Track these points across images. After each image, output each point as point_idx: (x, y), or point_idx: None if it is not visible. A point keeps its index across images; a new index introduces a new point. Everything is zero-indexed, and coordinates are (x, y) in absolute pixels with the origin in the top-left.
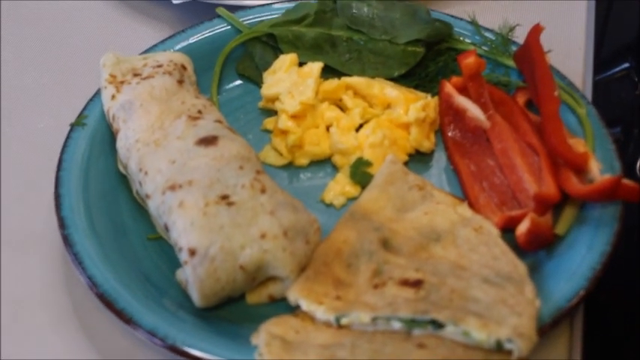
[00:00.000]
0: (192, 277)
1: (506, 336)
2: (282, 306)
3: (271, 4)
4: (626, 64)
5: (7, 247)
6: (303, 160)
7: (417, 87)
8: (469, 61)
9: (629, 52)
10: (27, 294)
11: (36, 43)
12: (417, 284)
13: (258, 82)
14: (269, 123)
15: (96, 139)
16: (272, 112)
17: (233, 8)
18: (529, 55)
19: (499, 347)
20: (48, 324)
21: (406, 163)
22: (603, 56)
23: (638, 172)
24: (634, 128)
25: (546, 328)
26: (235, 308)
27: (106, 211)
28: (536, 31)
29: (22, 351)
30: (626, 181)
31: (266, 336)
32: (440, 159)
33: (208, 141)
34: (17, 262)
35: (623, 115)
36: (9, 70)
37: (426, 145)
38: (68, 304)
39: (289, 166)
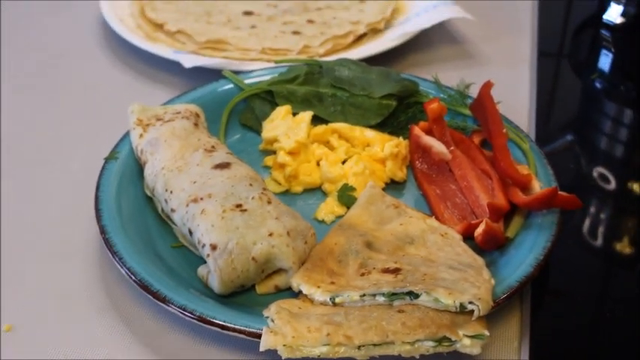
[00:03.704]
0: (213, 266)
1: (468, 299)
2: (286, 295)
3: (268, 68)
4: (570, 137)
5: (53, 255)
6: (298, 188)
7: (390, 134)
8: (433, 106)
9: (572, 125)
10: (72, 290)
11: (70, 103)
12: (395, 271)
13: (258, 131)
14: (269, 160)
15: (126, 169)
16: (270, 153)
17: (235, 72)
18: (482, 103)
19: (462, 309)
20: (90, 312)
21: (383, 190)
22: (550, 129)
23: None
24: (578, 194)
25: (501, 301)
26: (247, 296)
27: (136, 225)
28: (487, 85)
29: (70, 334)
30: (561, 193)
31: (276, 307)
32: (411, 187)
33: (223, 166)
34: (62, 267)
35: (568, 182)
36: (48, 124)
37: (399, 175)
38: (105, 297)
39: (286, 193)
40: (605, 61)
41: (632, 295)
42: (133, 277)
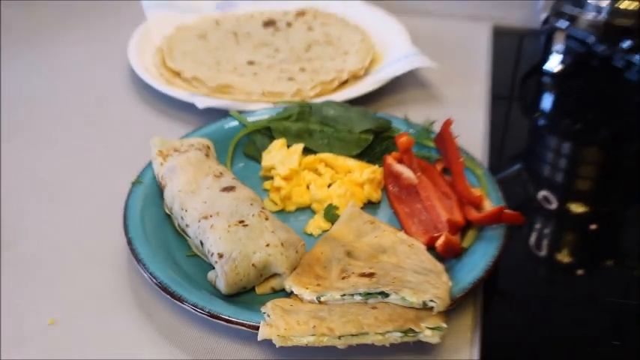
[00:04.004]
0: (220, 271)
1: (429, 298)
2: (280, 295)
3: (267, 108)
4: (518, 165)
5: (89, 262)
6: (291, 208)
7: (368, 162)
8: (403, 139)
9: (520, 156)
10: (104, 291)
11: (103, 137)
12: (370, 275)
13: (258, 160)
14: (267, 184)
15: (149, 191)
16: (268, 178)
17: (240, 111)
18: (443, 137)
19: (425, 306)
20: (119, 309)
21: (361, 209)
22: (501, 159)
23: (532, 247)
24: (524, 213)
25: (457, 299)
26: (248, 296)
27: (157, 238)
28: (448, 122)
29: (103, 326)
30: (507, 211)
31: (271, 305)
32: (384, 207)
33: (229, 189)
34: (97, 271)
35: (516, 204)
36: (86, 154)
37: (375, 196)
38: (132, 297)
39: (282, 212)
40: (547, 102)
41: (568, 297)
42: (155, 281)
